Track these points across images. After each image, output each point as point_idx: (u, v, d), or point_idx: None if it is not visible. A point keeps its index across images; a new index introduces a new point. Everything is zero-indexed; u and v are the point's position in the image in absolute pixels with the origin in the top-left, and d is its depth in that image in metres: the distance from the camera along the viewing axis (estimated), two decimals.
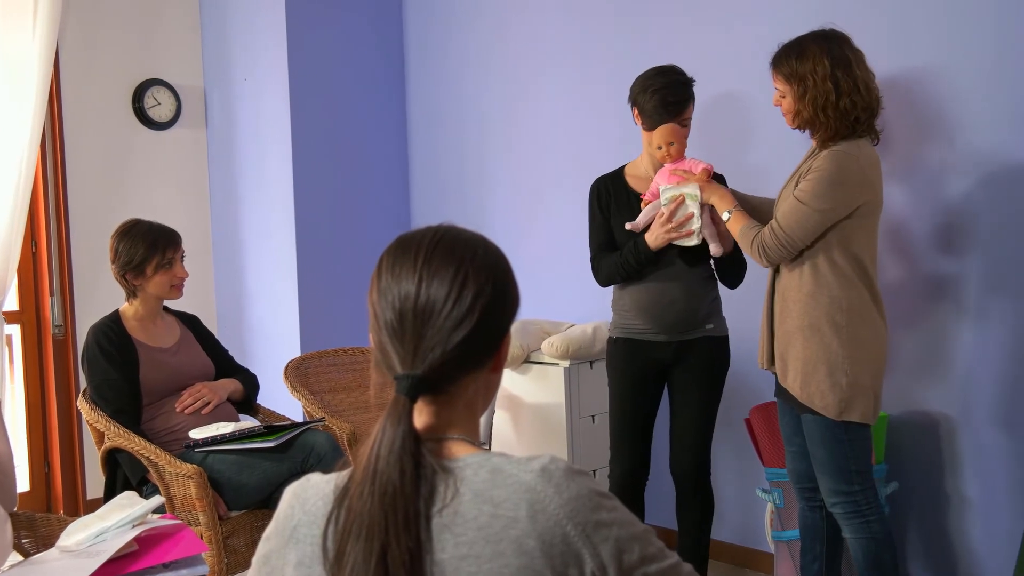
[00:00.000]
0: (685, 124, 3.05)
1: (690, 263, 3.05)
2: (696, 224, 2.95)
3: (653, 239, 2.99)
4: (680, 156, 3.02)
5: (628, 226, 3.05)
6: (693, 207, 2.94)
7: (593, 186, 3.23)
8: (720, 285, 3.18)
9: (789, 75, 2.70)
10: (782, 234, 2.68)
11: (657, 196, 3.00)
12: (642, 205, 3.04)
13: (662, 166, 3.06)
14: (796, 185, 2.72)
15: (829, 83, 2.62)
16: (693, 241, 2.97)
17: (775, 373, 2.84)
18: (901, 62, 3.21)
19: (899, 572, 2.77)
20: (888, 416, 3.33)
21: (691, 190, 2.94)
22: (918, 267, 3.28)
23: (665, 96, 3.01)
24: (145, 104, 4.85)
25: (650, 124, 3.06)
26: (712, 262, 3.09)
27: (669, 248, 3.02)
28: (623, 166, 3.24)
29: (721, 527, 3.42)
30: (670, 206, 2.95)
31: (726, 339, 3.16)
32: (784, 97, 2.75)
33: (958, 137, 3.16)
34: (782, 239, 2.68)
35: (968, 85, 3.12)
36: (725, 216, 2.87)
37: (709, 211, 2.97)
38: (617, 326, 3.19)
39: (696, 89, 3.11)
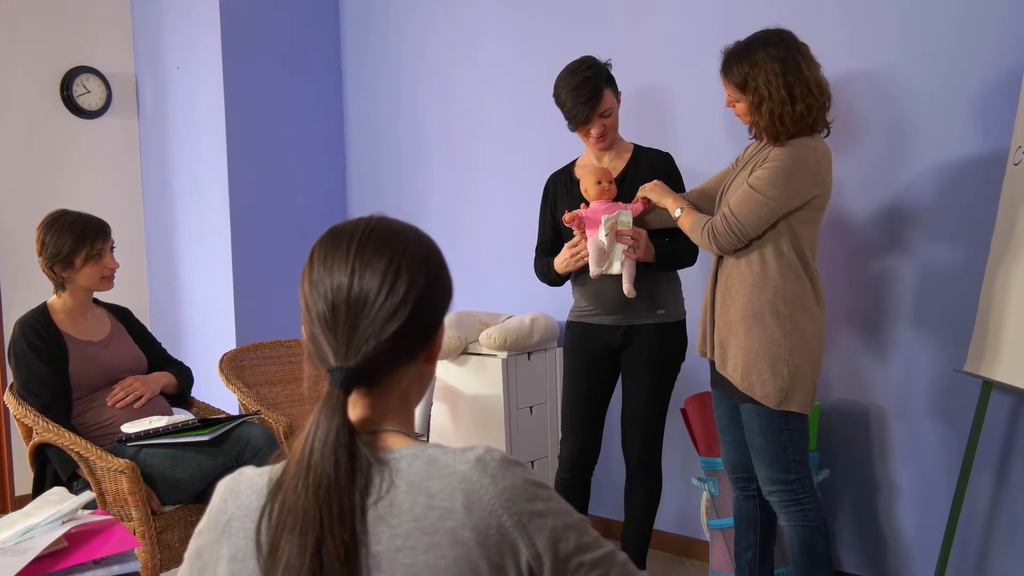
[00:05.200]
0: (607, 115, 3.07)
1: None
2: (617, 251, 2.98)
3: (560, 264, 3.09)
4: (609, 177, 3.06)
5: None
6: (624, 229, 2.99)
7: (546, 183, 3.29)
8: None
9: (742, 85, 2.67)
10: (734, 221, 2.68)
11: (581, 219, 3.01)
12: (564, 221, 3.06)
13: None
14: (750, 173, 2.72)
15: (783, 92, 2.61)
16: (615, 270, 3.01)
17: (714, 361, 2.86)
18: (855, 63, 3.24)
19: (832, 559, 2.82)
20: (820, 404, 3.39)
21: (625, 217, 2.98)
22: (860, 259, 3.34)
23: (578, 96, 3.02)
24: (74, 92, 4.75)
25: (572, 124, 3.10)
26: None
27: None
28: (575, 160, 3.28)
29: (660, 516, 3.46)
30: (610, 236, 2.97)
31: (681, 324, 3.19)
32: (739, 102, 2.73)
33: (905, 135, 3.20)
34: (733, 226, 2.68)
35: (920, 85, 3.16)
36: (676, 213, 2.88)
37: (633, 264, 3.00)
38: (572, 309, 3.26)
39: (637, 81, 3.11)
